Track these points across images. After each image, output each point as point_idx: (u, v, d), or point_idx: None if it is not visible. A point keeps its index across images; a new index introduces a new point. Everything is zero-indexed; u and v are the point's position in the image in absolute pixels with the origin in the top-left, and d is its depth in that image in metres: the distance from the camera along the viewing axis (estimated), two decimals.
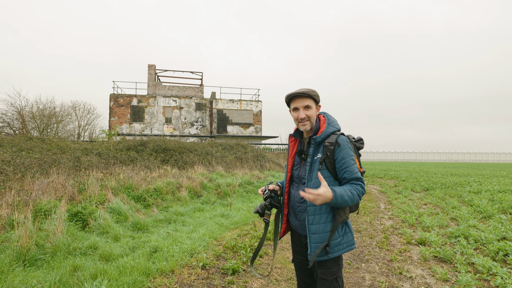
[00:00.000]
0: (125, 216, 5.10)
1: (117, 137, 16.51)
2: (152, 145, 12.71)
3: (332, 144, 1.70)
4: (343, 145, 1.70)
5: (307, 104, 1.75)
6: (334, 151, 1.69)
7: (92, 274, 2.97)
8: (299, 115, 1.76)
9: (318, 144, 1.75)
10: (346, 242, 1.73)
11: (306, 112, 1.75)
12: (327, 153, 1.69)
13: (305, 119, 1.75)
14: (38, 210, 4.39)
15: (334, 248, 1.68)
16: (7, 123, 18.22)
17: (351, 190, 1.60)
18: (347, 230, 1.76)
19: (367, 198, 9.08)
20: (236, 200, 7.79)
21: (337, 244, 1.69)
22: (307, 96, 1.75)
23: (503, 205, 6.59)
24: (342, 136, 1.74)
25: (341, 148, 1.69)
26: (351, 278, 3.36)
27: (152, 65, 24.36)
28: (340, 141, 1.70)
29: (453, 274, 3.35)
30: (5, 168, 5.82)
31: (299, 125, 1.79)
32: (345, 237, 1.74)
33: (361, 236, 5.02)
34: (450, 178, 14.05)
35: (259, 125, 25.53)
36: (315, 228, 1.68)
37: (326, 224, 1.67)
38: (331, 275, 1.70)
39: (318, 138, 1.73)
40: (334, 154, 1.69)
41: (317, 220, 1.68)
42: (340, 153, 1.68)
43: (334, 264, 1.72)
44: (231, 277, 3.21)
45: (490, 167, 32.19)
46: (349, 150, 1.70)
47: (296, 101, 1.77)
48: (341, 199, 1.55)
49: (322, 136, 1.73)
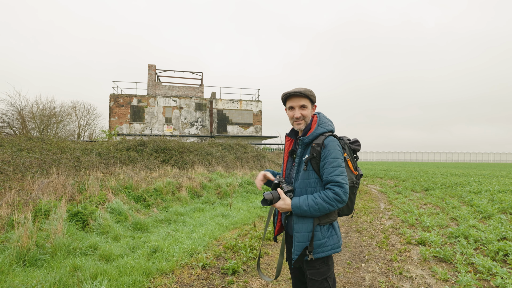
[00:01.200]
0: (125, 216, 5.10)
1: (117, 137, 16.52)
2: (152, 145, 12.71)
3: (319, 145, 1.69)
4: (329, 146, 1.67)
5: (303, 104, 1.75)
6: (320, 152, 1.68)
7: (92, 274, 2.98)
8: (294, 114, 1.77)
9: (306, 145, 1.75)
10: (331, 245, 1.71)
11: (302, 111, 1.76)
12: (313, 154, 1.69)
13: (300, 119, 1.76)
14: (38, 210, 4.39)
15: (318, 249, 1.67)
16: (7, 123, 18.22)
17: (314, 199, 1.63)
18: (333, 232, 1.73)
19: (367, 198, 9.08)
20: (236, 200, 7.79)
21: (321, 245, 1.68)
22: (303, 96, 1.75)
23: (503, 205, 6.59)
24: (331, 137, 1.71)
25: (326, 149, 1.67)
26: (351, 278, 3.36)
27: (152, 65, 24.36)
28: (327, 142, 1.68)
29: (453, 274, 3.35)
30: (5, 168, 5.82)
31: (294, 124, 1.80)
32: (331, 239, 1.71)
33: (361, 236, 5.02)
34: (450, 178, 14.05)
35: (259, 125, 25.53)
36: (298, 227, 1.69)
37: (308, 224, 1.68)
38: (320, 275, 1.70)
39: (305, 139, 1.73)
40: (320, 155, 1.68)
41: (301, 219, 1.69)
42: (324, 154, 1.67)
43: (323, 264, 1.71)
44: (231, 277, 3.21)
45: (490, 167, 32.19)
46: (334, 151, 1.67)
47: (292, 100, 1.77)
48: (299, 210, 1.64)
49: (310, 137, 1.73)
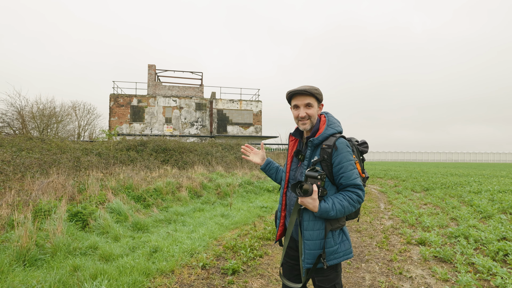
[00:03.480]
0: (125, 216, 5.10)
1: (117, 137, 16.51)
2: (152, 145, 12.71)
3: (330, 147, 1.61)
4: (341, 148, 1.60)
5: (308, 102, 1.66)
6: (331, 154, 1.60)
7: (92, 274, 2.98)
8: (299, 113, 1.68)
9: (315, 146, 1.67)
10: (343, 251, 1.65)
11: (307, 110, 1.67)
12: (324, 156, 1.61)
13: (305, 118, 1.67)
14: (38, 210, 4.39)
15: (330, 256, 1.60)
16: (7, 123, 18.22)
17: (340, 202, 1.55)
18: (344, 238, 1.67)
19: (367, 198, 9.07)
20: (236, 200, 7.79)
21: (333, 252, 1.61)
22: (308, 94, 1.66)
23: (503, 205, 6.59)
24: (342, 139, 1.64)
25: (338, 152, 1.60)
26: (351, 278, 3.36)
27: (152, 65, 24.36)
28: (338, 144, 1.61)
29: (453, 274, 3.34)
30: (5, 168, 5.82)
31: (299, 124, 1.72)
32: (342, 245, 1.65)
33: (361, 236, 5.02)
34: (450, 178, 14.05)
35: (259, 125, 25.52)
36: (308, 234, 1.60)
37: (320, 231, 1.60)
38: (329, 282, 1.65)
39: (315, 140, 1.65)
40: (331, 157, 1.60)
41: (311, 226, 1.60)
42: (338, 157, 1.59)
43: (332, 271, 1.65)
44: (231, 277, 3.21)
45: (489, 167, 32.18)
46: (347, 154, 1.61)
47: (297, 99, 1.69)
48: (326, 214, 1.53)
49: (319, 138, 1.65)
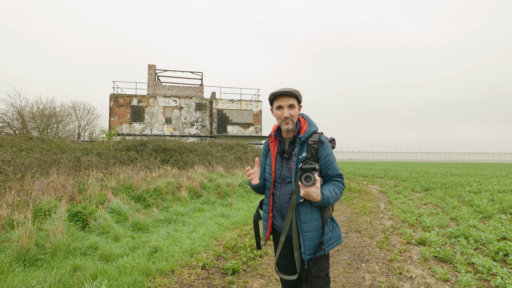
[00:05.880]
0: (125, 216, 5.10)
1: (117, 137, 16.52)
2: (152, 145, 12.71)
3: (316, 143, 1.77)
4: (326, 143, 1.80)
5: (291, 103, 1.77)
6: (317, 149, 1.77)
7: (92, 274, 2.98)
8: (283, 114, 1.77)
9: (302, 143, 1.79)
10: (335, 237, 1.82)
11: (290, 111, 1.77)
12: (311, 151, 1.76)
13: (288, 118, 1.77)
14: (38, 210, 4.39)
15: (326, 244, 1.75)
16: (7, 123, 18.21)
17: (334, 190, 1.73)
18: (335, 225, 1.85)
19: (367, 198, 9.08)
20: (236, 200, 7.78)
21: (328, 240, 1.77)
22: (292, 96, 1.77)
23: (503, 205, 6.59)
24: (324, 135, 1.85)
25: (324, 146, 1.78)
26: (351, 278, 3.35)
27: (152, 65, 24.36)
28: (323, 139, 1.80)
29: (453, 274, 3.34)
30: (5, 168, 5.82)
31: (282, 124, 1.81)
32: (334, 232, 1.82)
33: (361, 236, 5.02)
34: (450, 178, 14.05)
35: (259, 125, 25.52)
36: (307, 226, 1.71)
37: (317, 221, 1.73)
38: (323, 271, 1.78)
39: (302, 137, 1.77)
40: (318, 152, 1.77)
41: (309, 218, 1.72)
42: (324, 151, 1.77)
43: (325, 260, 1.79)
44: (231, 277, 3.21)
45: (489, 167, 32.18)
46: (330, 148, 1.82)
47: (280, 100, 1.78)
48: (327, 201, 1.68)
49: (305, 135, 1.78)
